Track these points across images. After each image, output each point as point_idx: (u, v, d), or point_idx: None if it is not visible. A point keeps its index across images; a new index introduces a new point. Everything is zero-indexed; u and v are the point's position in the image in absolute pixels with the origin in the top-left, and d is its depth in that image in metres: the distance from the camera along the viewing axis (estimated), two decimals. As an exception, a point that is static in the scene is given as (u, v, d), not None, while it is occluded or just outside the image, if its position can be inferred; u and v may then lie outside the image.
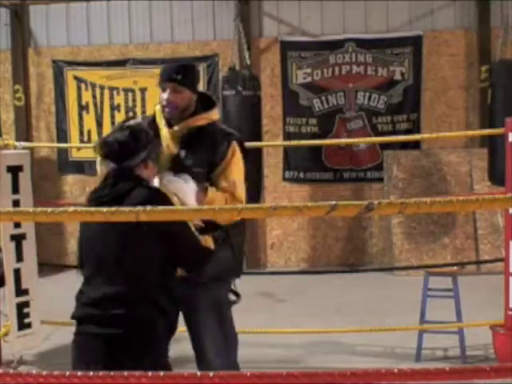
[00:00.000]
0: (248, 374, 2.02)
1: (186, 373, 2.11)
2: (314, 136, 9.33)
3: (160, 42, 9.59)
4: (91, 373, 2.07)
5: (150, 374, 2.04)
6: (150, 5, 9.59)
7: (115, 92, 9.60)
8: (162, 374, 2.05)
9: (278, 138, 9.42)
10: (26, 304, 5.35)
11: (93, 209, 2.23)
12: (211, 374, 2.03)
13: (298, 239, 9.50)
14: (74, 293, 3.07)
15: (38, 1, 9.63)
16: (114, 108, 9.62)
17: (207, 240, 3.20)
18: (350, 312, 6.96)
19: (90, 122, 9.68)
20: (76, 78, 9.69)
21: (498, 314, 5.31)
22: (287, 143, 9.21)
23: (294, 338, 5.92)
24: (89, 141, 9.52)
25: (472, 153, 8.91)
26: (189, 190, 3.33)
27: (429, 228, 8.73)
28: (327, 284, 8.32)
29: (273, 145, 9.40)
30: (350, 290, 7.99)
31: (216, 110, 3.81)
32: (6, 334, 5.46)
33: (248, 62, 8.64)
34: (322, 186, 9.46)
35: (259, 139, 8.15)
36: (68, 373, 2.07)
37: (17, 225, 5.25)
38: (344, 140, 9.19)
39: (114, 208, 2.10)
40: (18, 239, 5.28)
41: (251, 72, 8.51)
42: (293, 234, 9.50)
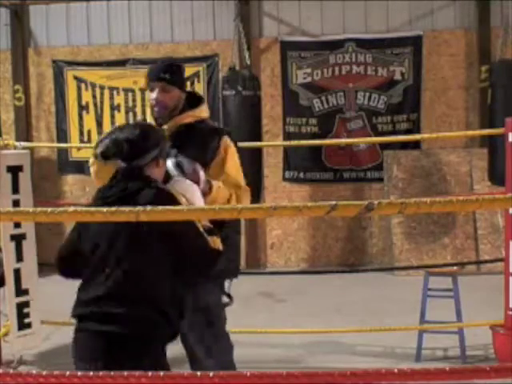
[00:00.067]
0: (248, 373, 2.02)
1: (186, 373, 2.11)
2: (313, 136, 9.33)
3: (160, 42, 9.59)
4: (91, 373, 2.07)
5: (149, 373, 2.04)
6: (150, 5, 9.59)
7: (115, 92, 9.61)
8: (161, 374, 2.05)
9: (278, 138, 9.42)
10: (26, 304, 5.35)
11: (93, 209, 2.23)
12: (211, 374, 2.03)
13: (297, 239, 9.50)
14: (73, 293, 3.06)
15: (38, 1, 9.63)
16: (114, 108, 9.62)
17: (215, 241, 3.16)
18: (350, 312, 6.96)
19: (89, 121, 9.69)
20: (76, 78, 9.70)
21: (498, 314, 5.31)
22: (287, 143, 9.21)
23: (294, 338, 5.91)
24: (89, 141, 9.52)
25: (472, 153, 8.91)
26: (197, 190, 3.30)
27: (429, 228, 8.73)
28: (327, 284, 8.32)
29: (273, 145, 9.40)
30: (349, 290, 7.99)
31: (203, 107, 3.78)
32: (6, 333, 5.46)
33: (248, 62, 8.64)
34: (322, 185, 9.46)
35: (259, 139, 8.15)
36: (68, 373, 2.07)
37: (17, 225, 5.25)
38: (344, 140, 9.19)
39: (113, 208, 2.10)
40: (18, 239, 5.28)
41: (251, 72, 8.51)
42: (293, 234, 9.50)
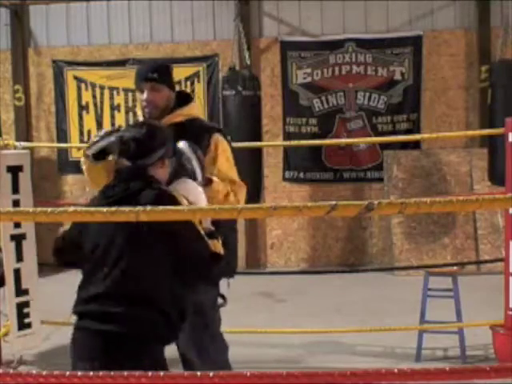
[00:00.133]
0: (248, 373, 2.02)
1: (186, 373, 2.11)
2: (313, 136, 9.33)
3: (160, 42, 9.60)
4: (91, 373, 2.07)
5: (149, 374, 2.04)
6: (150, 5, 9.59)
7: (115, 92, 9.61)
8: (161, 374, 2.05)
9: (278, 138, 9.42)
10: (26, 304, 5.35)
11: (93, 209, 2.23)
12: (211, 374, 2.03)
13: (298, 239, 9.50)
14: (73, 292, 3.06)
15: (38, 1, 9.63)
16: (114, 108, 9.62)
17: (216, 245, 3.13)
18: (350, 312, 6.96)
19: (89, 121, 9.69)
20: (76, 78, 9.70)
21: (498, 314, 5.31)
22: (287, 143, 9.20)
23: (294, 338, 5.91)
24: (89, 141, 9.49)
25: (472, 153, 8.91)
26: (201, 192, 3.26)
27: (429, 228, 8.73)
28: (327, 284, 8.32)
29: (273, 145, 9.40)
30: (349, 290, 7.98)
31: (193, 105, 3.78)
32: (6, 333, 5.46)
33: (248, 62, 8.65)
34: (322, 185, 9.46)
35: (259, 139, 8.15)
36: (68, 373, 2.07)
37: (17, 225, 5.24)
38: (344, 140, 9.19)
39: (113, 208, 2.10)
40: (18, 239, 5.28)
41: (251, 72, 8.51)
42: (293, 234, 9.50)
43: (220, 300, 3.80)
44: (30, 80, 9.81)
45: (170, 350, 3.18)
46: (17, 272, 5.28)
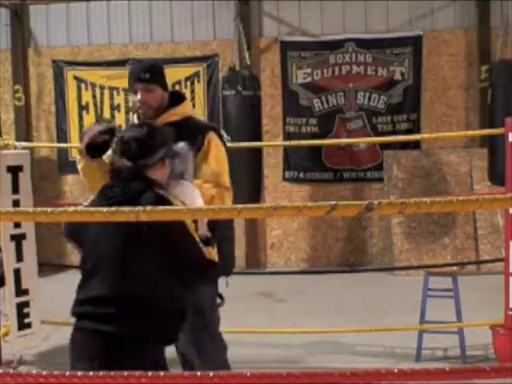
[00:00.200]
0: (248, 373, 2.02)
1: (186, 373, 2.11)
2: (313, 136, 9.33)
3: (160, 42, 9.59)
4: (91, 373, 2.06)
5: (149, 374, 2.04)
6: (150, 5, 9.59)
7: (115, 92, 9.61)
8: (161, 374, 2.05)
9: (278, 138, 9.42)
10: (26, 304, 5.35)
11: (93, 209, 2.23)
12: (211, 374, 2.03)
13: (298, 239, 9.50)
14: (73, 292, 3.06)
15: (38, 1, 9.63)
16: (114, 108, 9.62)
17: (211, 252, 3.13)
18: (350, 312, 6.96)
19: (89, 122, 9.67)
20: (76, 78, 9.70)
21: (498, 313, 5.31)
22: (287, 143, 9.21)
23: (294, 338, 5.91)
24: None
25: (472, 153, 8.91)
26: (199, 196, 3.25)
27: (429, 228, 8.73)
28: (327, 284, 8.32)
29: (273, 145, 9.40)
30: (349, 290, 7.98)
31: (186, 103, 3.78)
32: (6, 333, 5.46)
33: (248, 62, 8.64)
34: (322, 185, 9.46)
35: (259, 139, 8.16)
36: (68, 373, 2.07)
37: (17, 225, 5.25)
38: (344, 140, 9.20)
39: (113, 208, 2.10)
40: (18, 239, 5.28)
41: (251, 72, 8.51)
42: (293, 234, 9.50)
43: (218, 299, 3.80)
44: (30, 80, 9.81)
45: (170, 350, 3.18)
46: (17, 272, 5.28)
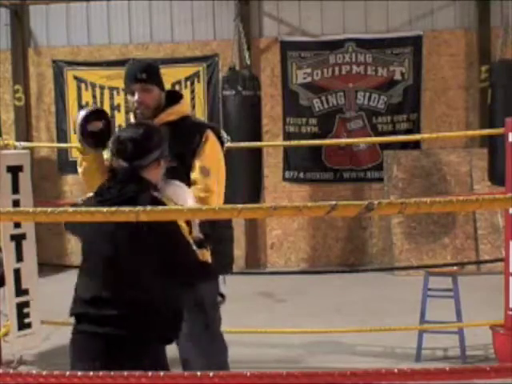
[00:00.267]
0: (248, 373, 2.02)
1: (186, 373, 2.11)
2: (313, 136, 9.33)
3: (160, 42, 9.60)
4: (91, 373, 2.06)
5: (149, 374, 2.04)
6: (150, 5, 9.59)
7: (115, 92, 9.60)
8: (161, 374, 2.05)
9: (278, 138, 9.42)
10: (26, 304, 5.35)
11: (93, 209, 2.22)
12: (211, 373, 2.03)
13: (298, 239, 9.50)
14: (73, 292, 3.06)
15: (38, 1, 9.63)
16: (114, 108, 9.61)
17: (204, 254, 3.13)
18: (350, 312, 6.96)
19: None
20: (76, 78, 9.70)
21: (498, 314, 5.31)
22: (287, 143, 9.21)
23: (294, 338, 5.91)
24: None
25: (472, 153, 8.91)
26: (188, 195, 3.25)
27: (429, 228, 8.73)
28: (327, 284, 8.32)
29: (273, 145, 9.40)
30: (349, 290, 7.98)
31: (183, 103, 3.77)
32: (6, 333, 5.46)
33: (248, 62, 8.64)
34: (322, 185, 9.46)
35: (259, 139, 8.16)
36: (68, 373, 2.07)
37: (17, 225, 5.25)
38: (344, 140, 9.20)
39: (113, 208, 2.10)
40: (18, 239, 5.28)
41: (251, 72, 8.51)
42: (293, 234, 9.50)
43: (219, 298, 3.80)
44: (30, 80, 9.81)
45: (170, 350, 3.18)
46: (17, 272, 5.28)
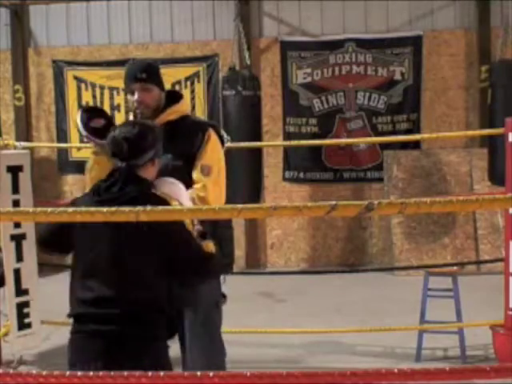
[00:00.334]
0: (248, 373, 2.02)
1: (186, 373, 2.11)
2: (314, 136, 9.33)
3: (160, 42, 9.60)
4: (91, 373, 2.06)
5: (150, 374, 2.04)
6: (150, 5, 9.59)
7: (115, 92, 9.60)
8: (162, 374, 2.05)
9: (278, 138, 9.42)
10: (26, 304, 5.35)
11: (93, 209, 2.22)
12: (211, 373, 2.03)
13: (298, 239, 9.50)
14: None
15: (38, 1, 9.63)
16: (114, 108, 9.62)
17: (208, 245, 3.13)
18: (350, 312, 6.96)
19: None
20: (76, 77, 9.70)
21: (498, 314, 5.31)
22: (287, 143, 9.21)
23: (294, 338, 5.91)
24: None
25: (472, 153, 8.91)
26: (183, 191, 3.26)
27: (429, 228, 8.73)
28: (327, 284, 8.32)
29: (273, 145, 9.40)
30: (350, 290, 7.98)
31: (184, 102, 3.77)
32: (6, 333, 5.46)
33: (248, 62, 8.65)
34: (322, 185, 9.46)
35: (259, 139, 8.16)
36: (68, 373, 2.07)
37: (17, 225, 5.24)
38: (344, 140, 9.20)
39: (113, 208, 2.10)
40: (18, 239, 5.28)
41: (251, 72, 8.51)
42: (293, 234, 9.50)
43: (221, 298, 3.81)
44: (30, 80, 9.81)
45: (171, 350, 3.17)
46: (17, 272, 5.28)
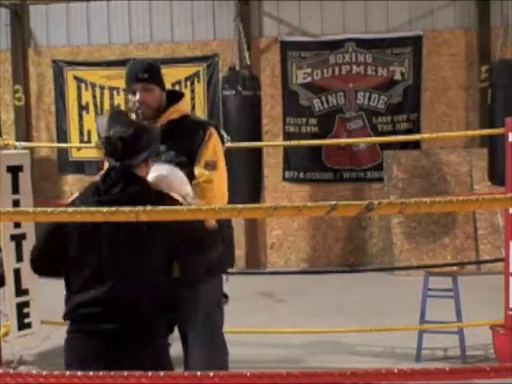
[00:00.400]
0: (248, 373, 2.02)
1: (186, 373, 2.11)
2: (313, 136, 9.33)
3: (160, 42, 9.59)
4: (91, 373, 2.06)
5: (149, 374, 2.04)
6: (150, 5, 9.59)
7: (115, 92, 9.60)
8: (162, 373, 2.05)
9: (278, 138, 9.42)
10: (26, 304, 5.35)
11: (93, 209, 2.22)
12: (211, 373, 2.03)
13: (298, 239, 9.50)
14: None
15: (38, 1, 9.63)
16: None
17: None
18: (350, 312, 6.96)
19: (89, 122, 9.68)
20: (76, 78, 9.70)
21: (498, 313, 5.31)
22: (287, 143, 9.21)
23: (294, 338, 5.91)
24: (89, 141, 9.53)
25: (472, 153, 8.91)
26: (184, 179, 3.27)
27: (429, 228, 8.73)
28: (327, 284, 8.32)
29: (273, 145, 9.40)
30: (350, 290, 7.98)
31: (184, 100, 3.78)
32: (6, 333, 5.46)
33: (248, 62, 8.65)
34: (322, 185, 9.46)
35: (259, 139, 8.16)
36: (68, 373, 2.07)
37: (17, 225, 5.25)
38: (344, 140, 9.20)
39: (113, 208, 2.09)
40: (18, 239, 5.29)
41: (251, 72, 8.51)
42: (293, 234, 9.50)
43: (222, 298, 3.81)
44: (30, 80, 9.81)
45: (171, 350, 3.17)
46: (17, 272, 5.29)
